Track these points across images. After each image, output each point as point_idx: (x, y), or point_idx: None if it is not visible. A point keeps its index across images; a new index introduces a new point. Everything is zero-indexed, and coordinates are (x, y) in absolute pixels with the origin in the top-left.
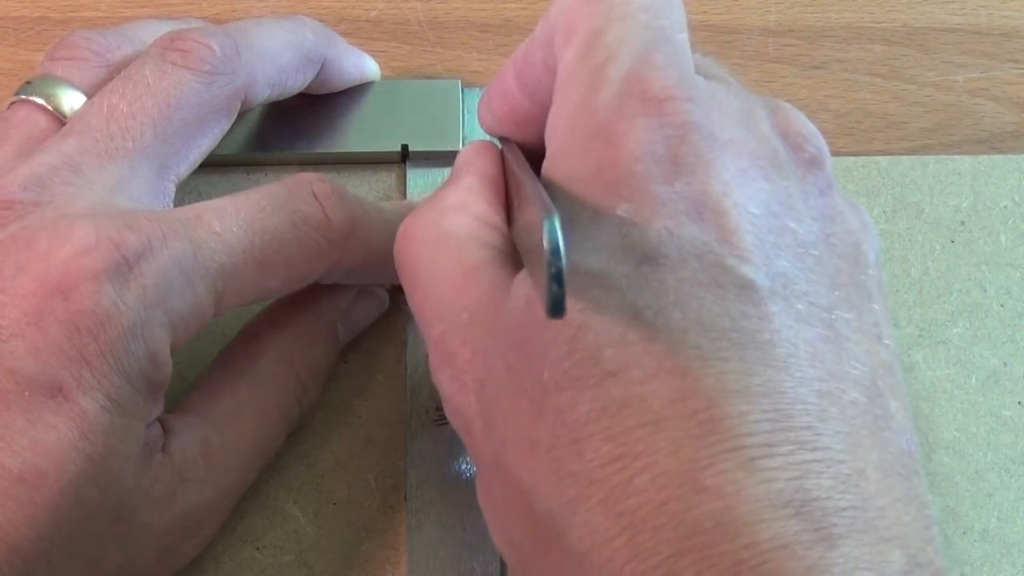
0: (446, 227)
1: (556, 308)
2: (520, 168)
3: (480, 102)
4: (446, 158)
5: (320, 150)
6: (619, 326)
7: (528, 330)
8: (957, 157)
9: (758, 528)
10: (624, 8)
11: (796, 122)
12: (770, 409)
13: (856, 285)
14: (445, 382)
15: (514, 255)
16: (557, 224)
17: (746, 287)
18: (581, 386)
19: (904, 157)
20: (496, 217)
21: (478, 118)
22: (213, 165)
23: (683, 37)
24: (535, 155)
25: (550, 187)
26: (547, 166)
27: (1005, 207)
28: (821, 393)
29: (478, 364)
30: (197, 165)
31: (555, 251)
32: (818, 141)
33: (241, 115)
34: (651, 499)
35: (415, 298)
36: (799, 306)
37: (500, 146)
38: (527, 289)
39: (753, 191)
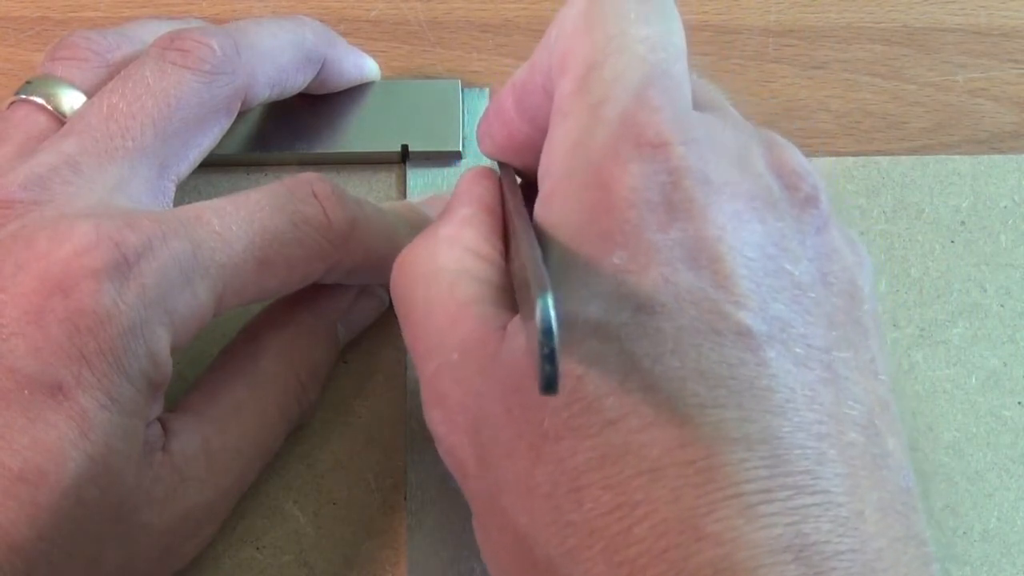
0: (439, 261)
1: (549, 386)
2: (516, 211)
3: (479, 125)
4: (446, 158)
5: (320, 150)
6: (618, 375)
7: (526, 377)
8: (957, 157)
9: (758, 574)
10: (622, 40)
11: (791, 160)
12: (768, 455)
13: (853, 322)
14: (437, 423)
15: (509, 290)
16: (551, 303)
17: (743, 333)
18: (581, 435)
19: (904, 157)
20: (491, 250)
21: (477, 141)
22: (213, 165)
23: (681, 67)
24: (534, 180)
25: (543, 230)
26: (540, 206)
27: (1005, 207)
28: (820, 436)
29: (471, 405)
30: (197, 165)
31: (547, 332)
32: (813, 179)
33: (241, 115)
34: (651, 548)
35: (408, 333)
36: (797, 349)
37: (490, 167)
38: (523, 335)
39: (748, 234)
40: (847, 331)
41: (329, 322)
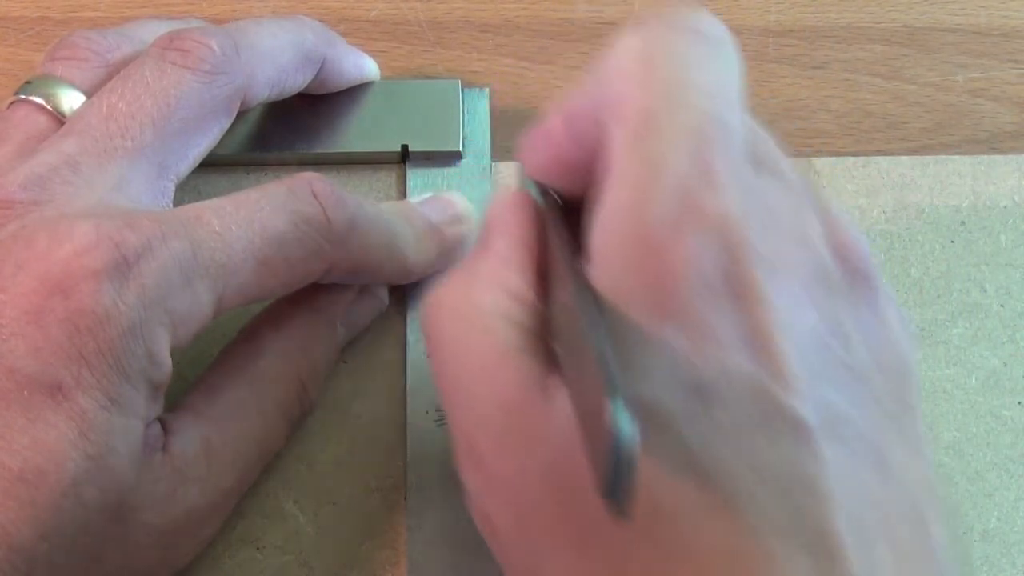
0: (476, 302)
1: (616, 505)
2: (566, 264)
3: (524, 145)
4: (446, 158)
5: (320, 150)
6: (672, 465)
7: (573, 458)
8: (957, 157)
9: None
10: (680, 90)
11: (846, 233)
12: (818, 550)
13: (902, 403)
14: (472, 481)
15: (547, 335)
16: (625, 412)
17: (797, 425)
18: (631, 524)
19: (904, 157)
20: (530, 292)
21: (521, 160)
22: (213, 165)
23: (739, 119)
24: (578, 203)
25: (595, 292)
26: (592, 268)
27: (1005, 207)
28: (869, 529)
29: (511, 474)
30: (197, 165)
31: (621, 447)
32: (866, 252)
33: (241, 115)
34: None
35: (441, 378)
36: (849, 440)
37: (529, 192)
38: (568, 401)
39: (804, 318)
40: (897, 414)
41: (329, 322)
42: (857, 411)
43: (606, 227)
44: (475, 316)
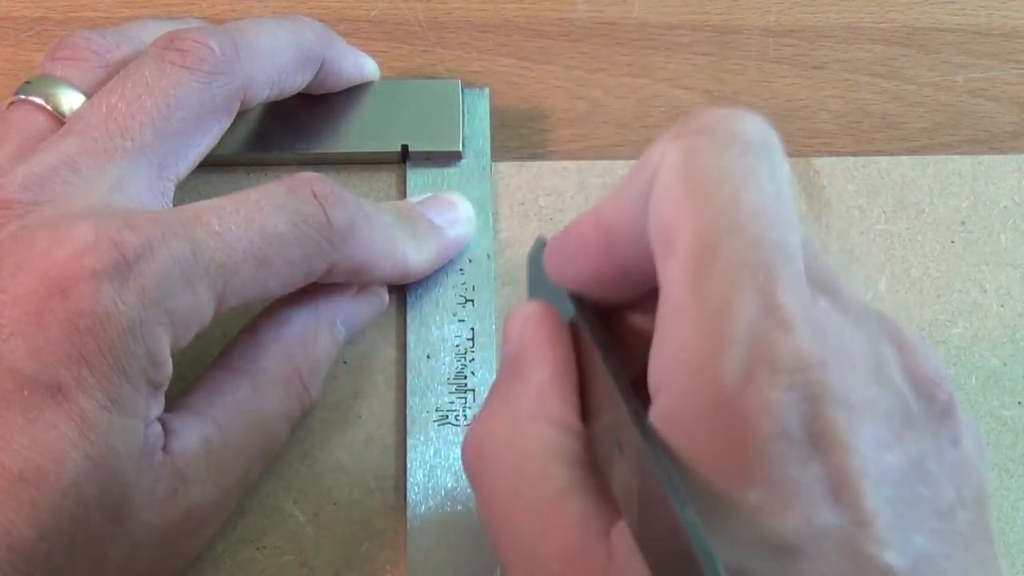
0: (523, 443)
1: None
2: (627, 409)
3: (552, 251)
4: (446, 158)
5: (320, 150)
6: None
7: None
8: (957, 157)
9: None
10: (734, 216)
11: (925, 365)
12: None
13: (982, 536)
14: None
15: (596, 466)
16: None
17: (887, 575)
18: None
19: (904, 157)
20: (576, 419)
21: (548, 269)
22: (213, 165)
23: (799, 240)
24: (611, 308)
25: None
26: (658, 422)
27: (1005, 207)
28: None
29: None
30: (196, 165)
31: None
32: (948, 385)
33: (241, 115)
34: None
35: (492, 527)
36: None
37: (549, 305)
38: (635, 559)
39: (889, 461)
40: (978, 548)
41: (329, 321)
42: (943, 553)
43: (671, 377)
44: (523, 459)
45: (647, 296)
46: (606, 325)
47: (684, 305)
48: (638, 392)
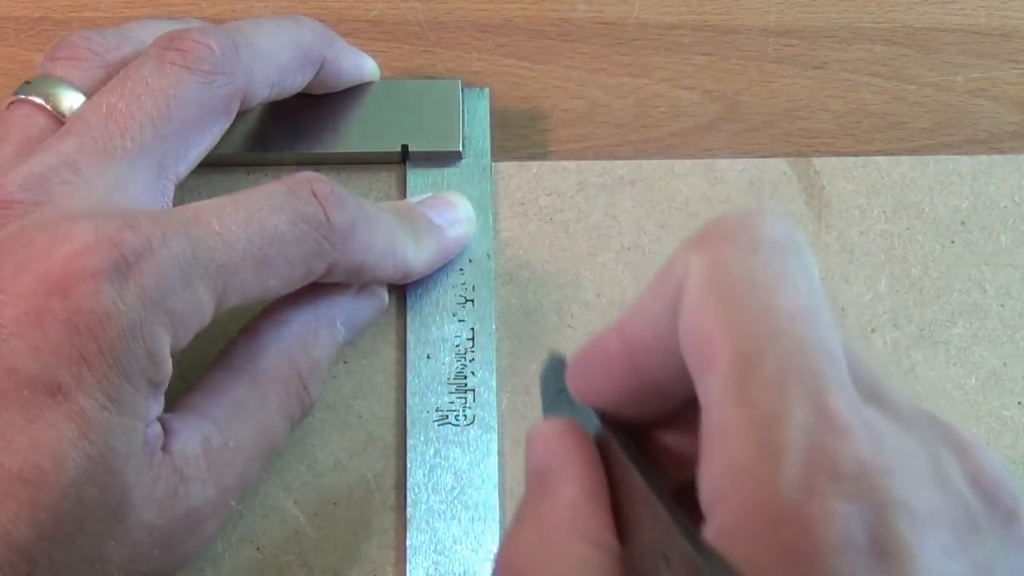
0: (557, 562)
1: None
2: (677, 525)
3: (575, 368)
4: (446, 158)
5: (320, 150)
6: None
7: None
8: (957, 157)
9: None
10: (772, 322)
11: (988, 468)
12: None
13: None
14: None
15: None
16: None
17: None
18: None
19: (904, 157)
20: (612, 536)
21: (572, 388)
22: (213, 165)
23: (838, 341)
24: (637, 426)
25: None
26: (715, 538)
27: (1005, 207)
28: None
29: None
30: (196, 165)
31: None
32: (1012, 486)
33: (241, 115)
34: None
35: None
36: None
37: (573, 419)
38: None
39: (956, 571)
40: None
41: (329, 321)
42: None
43: (726, 492)
44: None
45: (675, 413)
46: (636, 440)
47: (731, 418)
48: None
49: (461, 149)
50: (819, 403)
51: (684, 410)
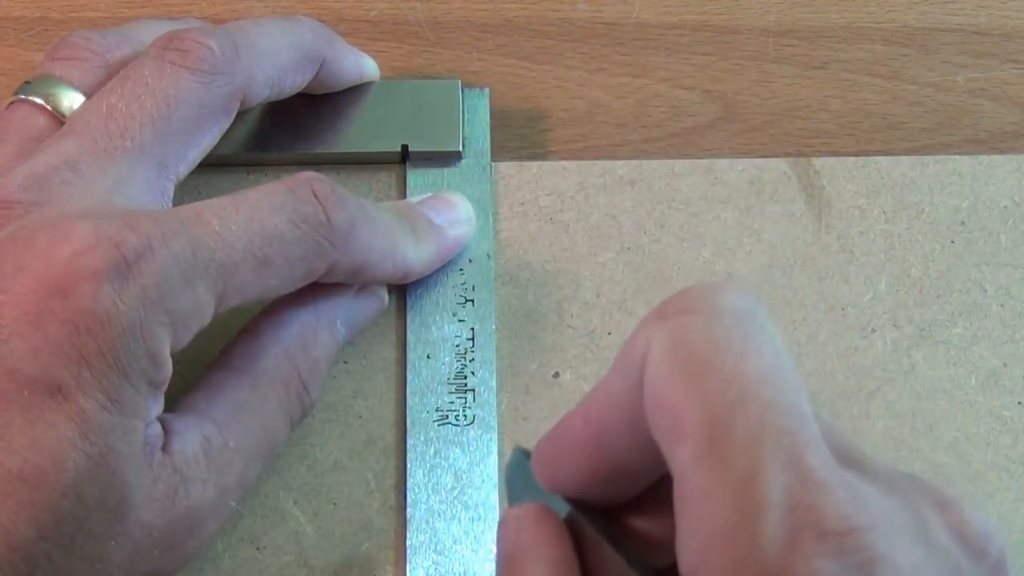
0: None
1: None
2: None
3: (541, 453)
4: (446, 158)
5: (320, 150)
6: None
7: None
8: (957, 157)
9: None
10: (740, 385)
11: (971, 521)
12: None
13: None
14: None
15: None
16: None
17: None
18: None
19: (904, 157)
20: None
21: (538, 475)
22: (213, 165)
23: (808, 407)
24: (606, 511)
25: None
26: None
27: (1005, 207)
28: None
29: None
30: (196, 165)
31: None
32: (997, 538)
33: (241, 115)
34: None
35: None
36: None
37: (543, 504)
38: None
39: None
40: None
41: (329, 322)
42: None
43: (708, 555)
44: None
45: (643, 498)
46: (606, 522)
47: (707, 482)
48: None
49: (461, 149)
50: (796, 461)
51: (651, 494)
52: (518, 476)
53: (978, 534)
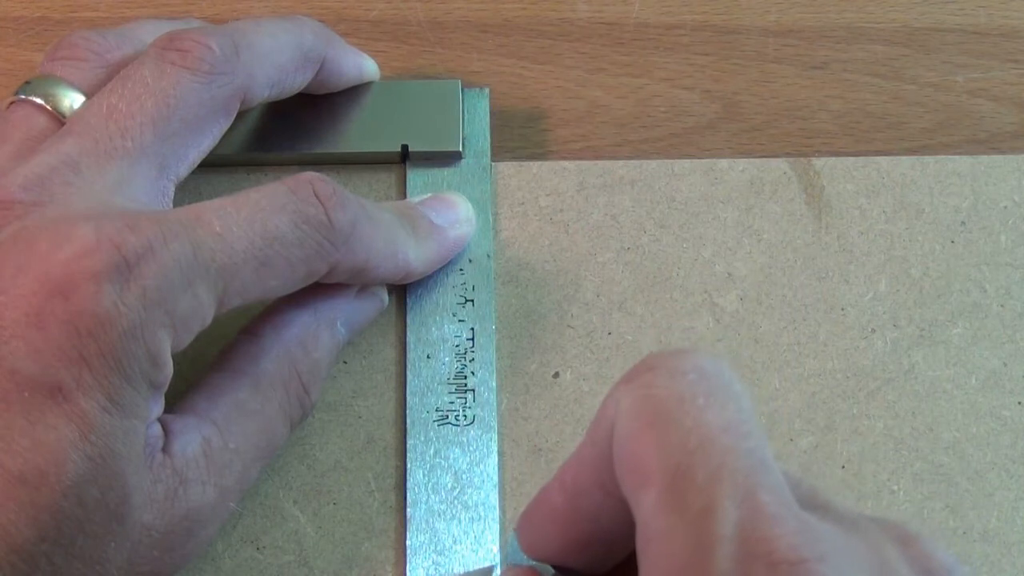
0: None
1: None
2: None
3: (521, 526)
4: (446, 158)
5: (320, 150)
6: None
7: None
8: (957, 157)
9: None
10: (701, 432)
11: (935, 555)
12: None
13: None
14: None
15: None
16: None
17: None
18: None
19: (904, 157)
20: None
21: (520, 543)
22: (213, 165)
23: (770, 452)
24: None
25: None
26: None
27: (1005, 207)
28: None
29: None
30: (196, 165)
31: None
32: (960, 571)
33: (241, 115)
34: None
35: None
36: None
37: (532, 567)
38: None
39: None
40: None
41: (329, 322)
42: None
43: None
44: None
45: (623, 567)
46: None
47: (665, 525)
48: None
49: (461, 149)
50: (749, 498)
51: (631, 563)
52: (516, 550)
53: (941, 567)
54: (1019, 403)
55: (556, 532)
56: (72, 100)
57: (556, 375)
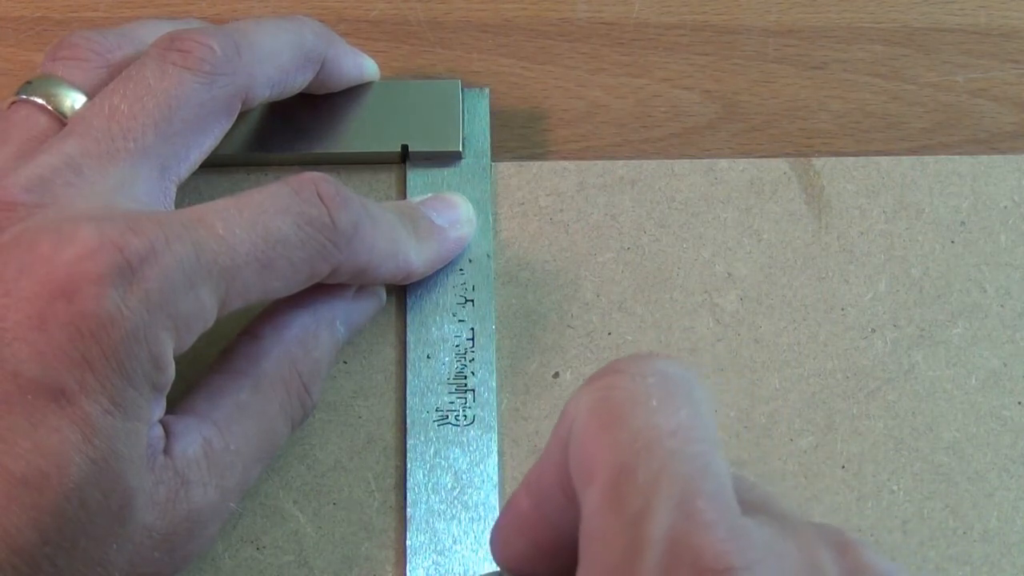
0: None
1: None
2: None
3: (494, 533)
4: (446, 158)
5: (320, 150)
6: None
7: None
8: (957, 157)
9: None
10: (649, 435)
11: (870, 564)
12: None
13: None
14: None
15: None
16: None
17: None
18: None
19: (904, 157)
20: None
21: (492, 551)
22: (213, 165)
23: (720, 459)
24: None
25: None
26: None
27: (1005, 207)
28: None
29: None
30: (198, 165)
31: None
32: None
33: (242, 115)
34: None
35: None
36: None
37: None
38: None
39: None
40: None
41: (329, 323)
42: None
43: None
44: None
45: None
46: None
47: (602, 522)
48: None
49: (461, 149)
50: (685, 504)
51: None
52: None
53: (877, 573)
54: (1019, 403)
55: (523, 539)
56: (73, 100)
57: (556, 375)
